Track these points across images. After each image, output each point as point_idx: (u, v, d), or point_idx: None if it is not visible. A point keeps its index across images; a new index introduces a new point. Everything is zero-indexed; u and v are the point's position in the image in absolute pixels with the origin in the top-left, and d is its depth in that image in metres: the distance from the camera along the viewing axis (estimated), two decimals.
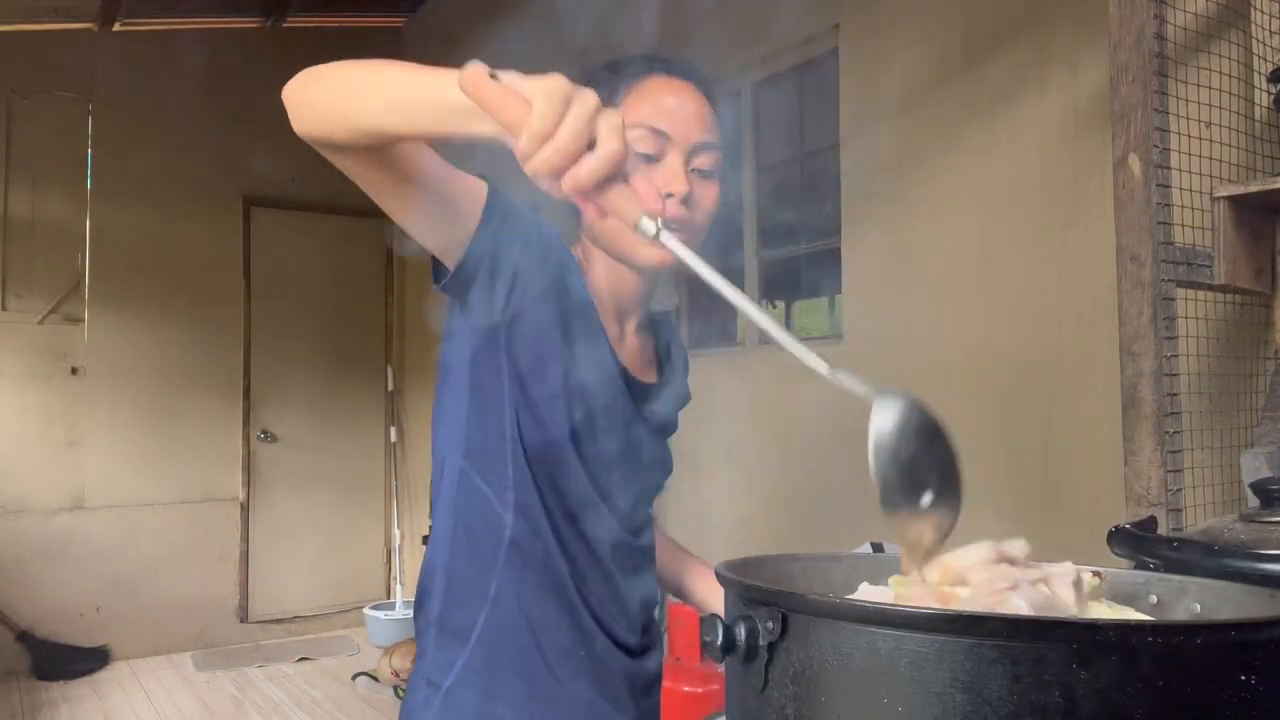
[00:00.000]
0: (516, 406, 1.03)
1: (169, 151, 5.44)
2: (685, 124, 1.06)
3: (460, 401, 1.06)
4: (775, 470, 3.31)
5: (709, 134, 1.08)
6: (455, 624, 1.07)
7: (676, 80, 1.09)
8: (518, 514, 1.04)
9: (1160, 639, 0.52)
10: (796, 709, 0.60)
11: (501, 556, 1.04)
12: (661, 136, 1.05)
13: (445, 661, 1.07)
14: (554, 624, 1.06)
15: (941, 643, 0.53)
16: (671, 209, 1.04)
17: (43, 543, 5.06)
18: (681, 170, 1.05)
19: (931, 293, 2.84)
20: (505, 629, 1.05)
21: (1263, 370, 1.78)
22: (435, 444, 1.12)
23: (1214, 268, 1.58)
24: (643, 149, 1.05)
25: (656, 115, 1.06)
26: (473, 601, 1.06)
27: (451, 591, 1.07)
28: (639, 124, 1.05)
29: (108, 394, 5.28)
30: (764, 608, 0.62)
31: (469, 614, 1.06)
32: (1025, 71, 2.57)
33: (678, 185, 1.04)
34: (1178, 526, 1.43)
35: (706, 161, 1.08)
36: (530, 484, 1.04)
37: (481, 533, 1.05)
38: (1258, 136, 1.77)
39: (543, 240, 1.03)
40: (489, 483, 1.05)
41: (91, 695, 4.64)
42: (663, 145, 1.05)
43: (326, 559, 5.87)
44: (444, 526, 1.09)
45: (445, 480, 1.09)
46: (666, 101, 1.06)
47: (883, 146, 3.02)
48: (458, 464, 1.07)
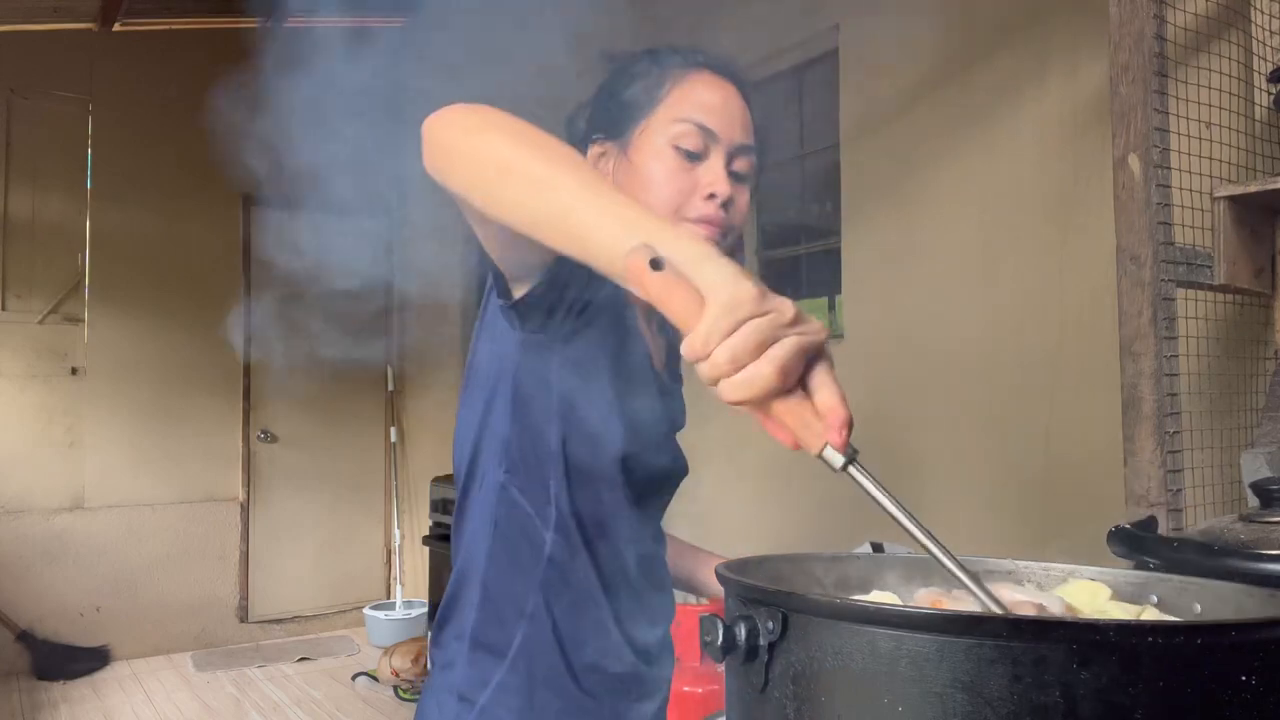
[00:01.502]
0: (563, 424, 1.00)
1: (169, 151, 5.44)
2: (731, 124, 1.05)
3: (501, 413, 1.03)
4: (775, 470, 3.31)
5: (749, 137, 1.07)
6: (491, 640, 1.05)
7: (723, 79, 1.07)
8: (557, 531, 1.02)
9: (1160, 639, 0.52)
10: (797, 709, 0.60)
11: (540, 574, 1.03)
12: (709, 134, 1.03)
13: (479, 677, 1.05)
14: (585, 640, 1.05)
15: (942, 643, 0.53)
16: (711, 209, 1.02)
17: (43, 542, 5.06)
18: (723, 171, 1.03)
19: (931, 293, 2.84)
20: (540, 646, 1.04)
21: (1263, 370, 1.78)
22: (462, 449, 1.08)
23: (1214, 268, 1.58)
24: (688, 145, 1.03)
25: (704, 111, 1.04)
26: (510, 618, 1.04)
27: (487, 606, 1.05)
28: (686, 119, 1.03)
29: (108, 394, 5.28)
30: (764, 608, 0.62)
31: (505, 631, 1.04)
32: (1025, 71, 2.57)
33: (721, 187, 1.02)
34: (1178, 526, 1.43)
35: (744, 165, 1.06)
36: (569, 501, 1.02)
37: (521, 549, 1.03)
38: (1258, 136, 1.77)
39: None
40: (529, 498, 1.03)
41: (91, 695, 4.64)
42: (708, 143, 1.03)
43: (326, 559, 5.87)
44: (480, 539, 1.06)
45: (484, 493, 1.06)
46: (714, 99, 1.05)
47: (883, 146, 3.02)
48: (498, 478, 1.04)
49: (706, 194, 1.02)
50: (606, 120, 1.09)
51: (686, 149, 1.03)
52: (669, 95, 1.05)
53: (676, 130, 1.03)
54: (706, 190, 1.02)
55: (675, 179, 1.02)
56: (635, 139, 1.05)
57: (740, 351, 0.61)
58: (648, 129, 1.05)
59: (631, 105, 1.06)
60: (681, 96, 1.05)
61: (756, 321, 0.61)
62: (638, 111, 1.06)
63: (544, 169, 0.73)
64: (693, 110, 1.03)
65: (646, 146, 1.04)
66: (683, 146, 1.03)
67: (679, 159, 1.03)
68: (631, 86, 1.07)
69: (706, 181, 1.03)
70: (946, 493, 2.72)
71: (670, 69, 1.06)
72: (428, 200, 5.45)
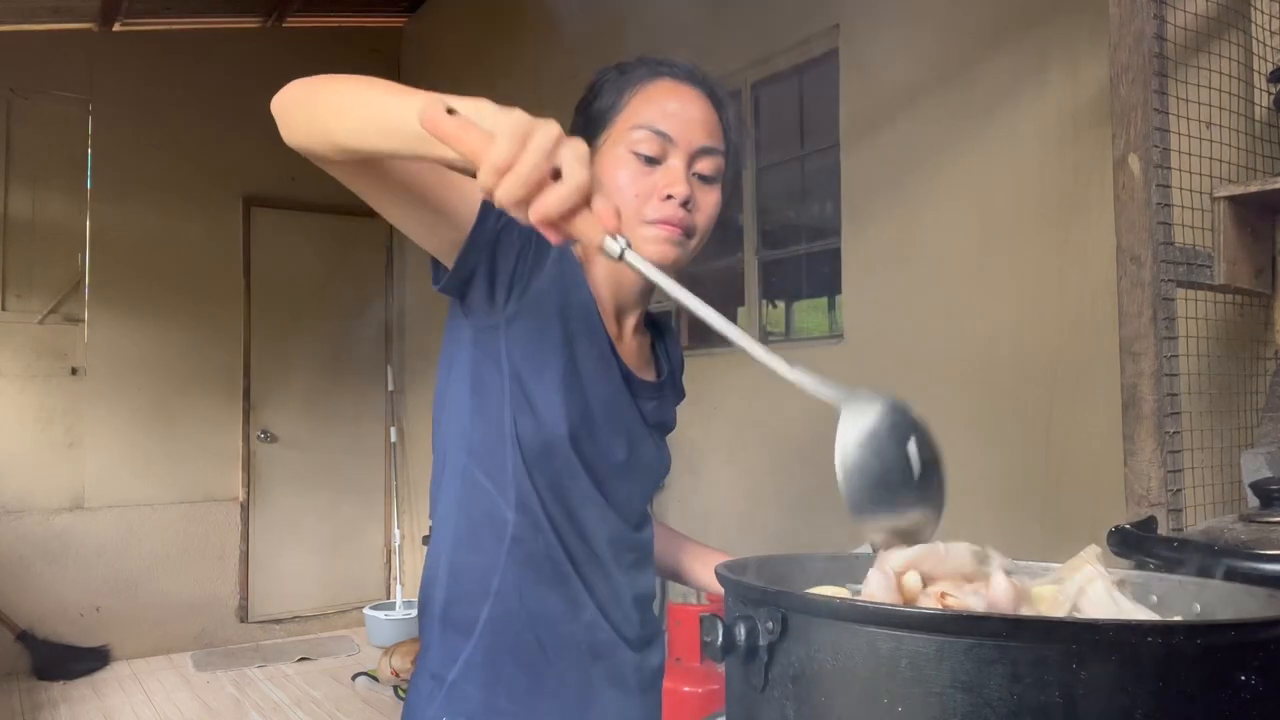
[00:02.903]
0: (514, 405, 1.04)
1: (169, 151, 5.44)
2: (688, 127, 1.07)
3: (462, 399, 1.08)
4: (775, 470, 3.31)
5: (712, 139, 1.09)
6: (458, 618, 1.08)
7: (683, 85, 1.10)
8: (519, 511, 1.05)
9: (1160, 639, 0.52)
10: (796, 709, 0.60)
11: (504, 552, 1.05)
12: (664, 138, 1.06)
13: (448, 655, 1.08)
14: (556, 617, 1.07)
15: (941, 643, 0.53)
16: (670, 209, 1.05)
17: (43, 542, 5.06)
18: (683, 173, 1.06)
19: (931, 293, 2.84)
20: (508, 623, 1.06)
21: (1263, 370, 1.78)
22: (436, 439, 1.13)
23: (1214, 268, 1.58)
24: (645, 150, 1.06)
25: (660, 117, 1.07)
26: (476, 596, 1.06)
27: (454, 585, 1.09)
28: (643, 125, 1.06)
29: (108, 394, 5.28)
30: (764, 608, 0.62)
31: (472, 608, 1.07)
32: (1025, 72, 2.57)
33: (679, 188, 1.05)
34: (1178, 527, 1.43)
35: (708, 166, 1.09)
36: (529, 481, 1.05)
37: (484, 528, 1.06)
38: (1258, 136, 1.77)
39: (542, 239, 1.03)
40: (491, 480, 1.06)
41: (91, 695, 4.64)
42: (665, 147, 1.06)
43: (326, 559, 5.87)
44: (447, 522, 1.10)
45: (448, 476, 1.10)
46: (671, 104, 1.07)
47: (883, 146, 3.02)
48: (461, 460, 1.08)
49: (664, 195, 1.05)
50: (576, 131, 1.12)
51: (645, 154, 1.06)
52: (629, 104, 1.08)
53: (634, 137, 1.06)
54: (664, 191, 1.05)
55: (634, 183, 1.06)
56: (601, 148, 1.09)
57: (536, 163, 0.69)
58: (610, 138, 1.09)
59: (597, 117, 1.10)
60: (640, 104, 1.08)
61: (539, 137, 0.70)
62: (602, 121, 1.10)
63: (355, 91, 0.84)
64: (650, 117, 1.07)
65: (609, 155, 1.08)
66: (640, 152, 1.06)
67: (638, 164, 1.06)
68: (599, 99, 1.11)
69: (664, 183, 1.06)
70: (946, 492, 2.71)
71: (632, 79, 1.10)
72: None
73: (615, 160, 1.07)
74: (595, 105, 1.11)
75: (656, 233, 1.05)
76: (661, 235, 1.06)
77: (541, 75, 4.50)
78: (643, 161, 1.06)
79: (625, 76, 1.11)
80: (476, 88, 2.69)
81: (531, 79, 4.54)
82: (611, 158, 1.08)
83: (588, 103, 1.13)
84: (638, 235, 1.06)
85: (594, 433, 1.08)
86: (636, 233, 1.06)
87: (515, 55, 4.92)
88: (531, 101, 1.08)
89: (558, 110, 1.18)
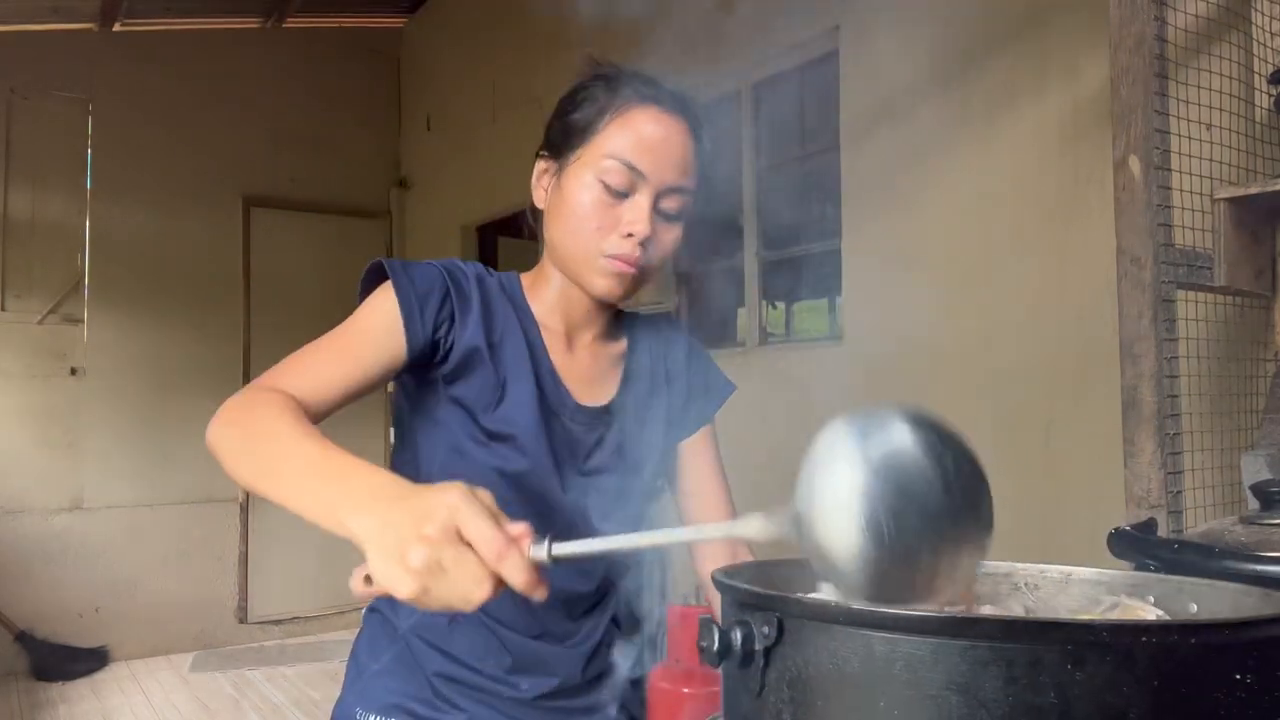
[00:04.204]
0: (446, 451, 1.09)
1: (169, 151, 5.44)
2: (662, 165, 1.05)
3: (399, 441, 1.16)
4: (775, 472, 3.30)
5: (684, 178, 1.07)
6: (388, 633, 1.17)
7: (666, 115, 1.06)
8: None
9: (1155, 639, 0.52)
10: (793, 713, 0.60)
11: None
12: (636, 174, 1.04)
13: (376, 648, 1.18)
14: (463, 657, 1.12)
15: (936, 645, 0.53)
16: (628, 247, 1.04)
17: (42, 543, 5.05)
18: (647, 211, 1.04)
19: (931, 293, 2.84)
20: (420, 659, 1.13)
21: (1263, 372, 1.78)
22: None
23: (1214, 269, 1.58)
24: (614, 183, 1.04)
25: (635, 151, 1.04)
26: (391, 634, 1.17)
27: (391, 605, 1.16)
28: (616, 156, 1.04)
29: (107, 394, 5.27)
30: (760, 612, 0.61)
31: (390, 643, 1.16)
32: (1025, 72, 2.57)
33: (639, 227, 1.04)
34: (1178, 528, 1.43)
35: (674, 205, 1.07)
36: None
37: None
38: (1258, 138, 1.77)
39: (460, 302, 1.07)
40: None
41: (90, 696, 4.63)
42: (635, 182, 1.04)
43: (326, 560, 5.85)
44: None
45: None
46: (648, 138, 1.05)
47: (883, 146, 3.01)
48: None
49: (625, 233, 1.04)
50: (552, 137, 1.11)
51: (612, 186, 1.04)
52: (606, 127, 1.06)
53: (605, 165, 1.04)
54: (626, 229, 1.04)
55: (597, 214, 1.05)
56: (570, 165, 1.08)
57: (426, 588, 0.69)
58: (582, 158, 1.07)
59: (573, 129, 1.08)
60: (618, 130, 1.05)
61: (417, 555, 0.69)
62: (577, 138, 1.07)
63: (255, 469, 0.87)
64: (625, 148, 1.04)
65: (576, 176, 1.06)
66: (608, 183, 1.04)
67: (604, 194, 1.05)
68: (578, 109, 1.08)
69: (628, 220, 1.04)
70: None
71: (616, 98, 1.06)
72: (427, 200, 5.49)
73: (582, 185, 1.06)
74: (574, 115, 1.09)
75: (609, 266, 1.05)
76: (613, 270, 1.06)
77: (541, 75, 4.49)
78: (609, 193, 1.04)
79: (610, 94, 1.07)
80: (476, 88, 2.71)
81: (531, 79, 4.54)
82: (579, 181, 1.06)
83: (567, 109, 1.10)
84: (591, 265, 1.06)
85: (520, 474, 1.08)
86: (590, 263, 1.06)
87: (515, 55, 4.92)
88: (530, 101, 1.08)
89: None
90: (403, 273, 1.05)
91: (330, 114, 5.94)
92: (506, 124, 4.97)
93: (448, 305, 1.06)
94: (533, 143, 1.16)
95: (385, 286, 1.05)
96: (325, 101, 5.92)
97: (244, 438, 0.89)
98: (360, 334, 1.03)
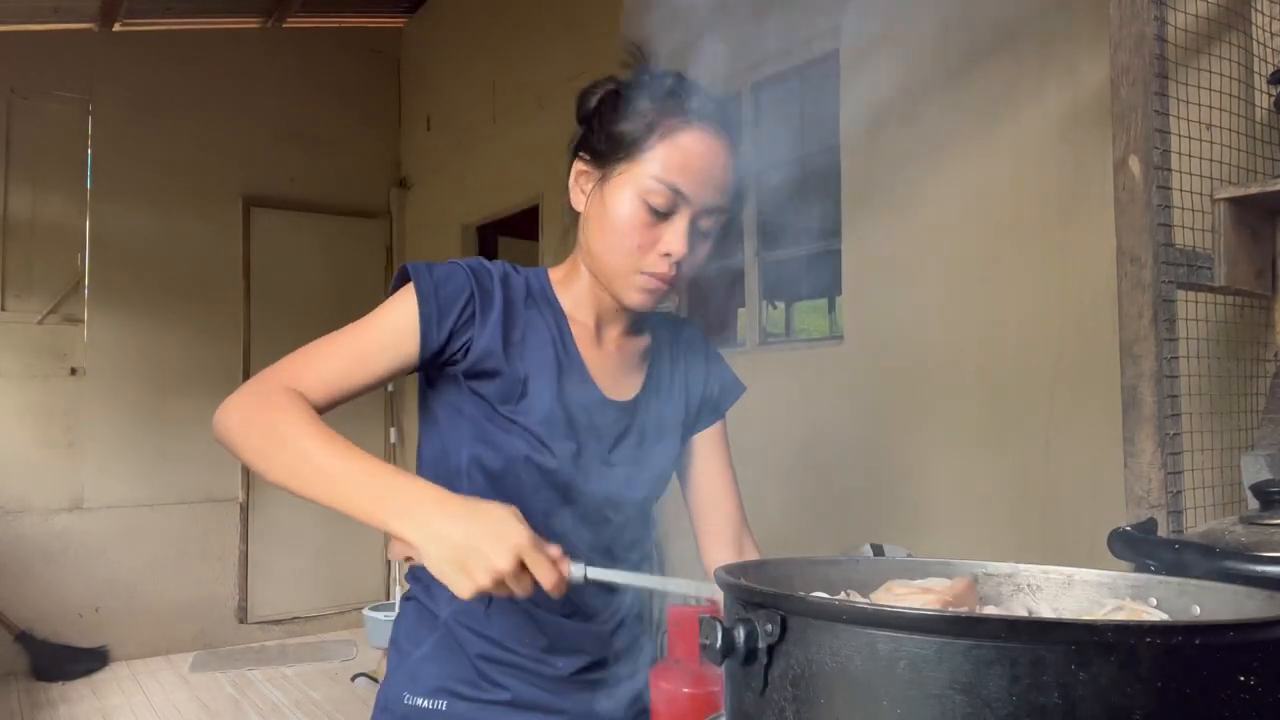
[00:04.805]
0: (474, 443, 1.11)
1: (169, 151, 5.44)
2: (704, 187, 1.06)
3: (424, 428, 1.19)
4: (775, 472, 3.31)
5: (723, 197, 1.08)
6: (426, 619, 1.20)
7: (711, 135, 1.07)
8: None
9: (1159, 640, 0.52)
10: (796, 711, 0.60)
11: None
12: (680, 196, 1.05)
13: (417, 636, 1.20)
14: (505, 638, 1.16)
15: (940, 644, 0.53)
16: (664, 267, 1.06)
17: (42, 543, 5.05)
18: (684, 232, 1.06)
19: (931, 293, 2.84)
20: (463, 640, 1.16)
21: (1263, 372, 1.78)
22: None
23: (1214, 269, 1.58)
24: (657, 204, 1.05)
25: (681, 174, 1.05)
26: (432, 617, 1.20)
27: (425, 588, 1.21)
28: (662, 179, 1.05)
29: (107, 394, 5.27)
30: (763, 610, 0.62)
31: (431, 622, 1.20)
32: (1025, 72, 2.57)
33: (677, 248, 1.06)
34: (1178, 528, 1.43)
35: (710, 223, 1.09)
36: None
37: None
38: (1258, 138, 1.77)
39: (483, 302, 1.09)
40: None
41: (90, 696, 4.63)
42: (676, 203, 1.05)
43: (326, 560, 5.86)
44: None
45: None
46: (697, 161, 1.05)
47: (883, 146, 3.01)
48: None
49: (663, 252, 1.06)
50: (593, 143, 1.11)
51: (655, 206, 1.05)
52: (654, 147, 1.06)
53: (649, 186, 1.05)
54: (664, 249, 1.06)
55: (637, 232, 1.06)
56: (614, 177, 1.08)
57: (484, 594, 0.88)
58: (627, 173, 1.07)
59: (618, 142, 1.08)
60: (666, 152, 1.05)
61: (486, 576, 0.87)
62: (622, 152, 1.07)
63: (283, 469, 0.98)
64: (670, 171, 1.05)
65: (620, 190, 1.07)
66: (652, 204, 1.05)
67: (646, 214, 1.06)
68: (623, 122, 1.08)
69: (666, 241, 1.06)
70: (946, 493, 2.72)
71: (663, 119, 1.06)
72: (428, 200, 5.49)
73: (623, 200, 1.06)
74: (620, 126, 1.08)
75: (644, 283, 1.08)
76: (648, 287, 1.08)
77: (542, 75, 4.49)
78: (651, 213, 1.05)
79: (657, 111, 1.07)
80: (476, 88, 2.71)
81: (532, 79, 4.54)
82: (621, 196, 1.07)
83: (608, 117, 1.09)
84: (627, 281, 1.08)
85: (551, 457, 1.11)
86: (626, 279, 1.08)
87: (515, 55, 4.91)
88: (531, 102, 1.08)
89: (558, 110, 1.17)
90: (427, 276, 1.07)
91: (330, 114, 5.94)
92: (506, 124, 4.97)
93: (470, 308, 1.08)
94: (533, 143, 1.16)
95: (408, 289, 1.07)
96: (325, 101, 5.92)
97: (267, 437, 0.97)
98: (372, 336, 1.06)
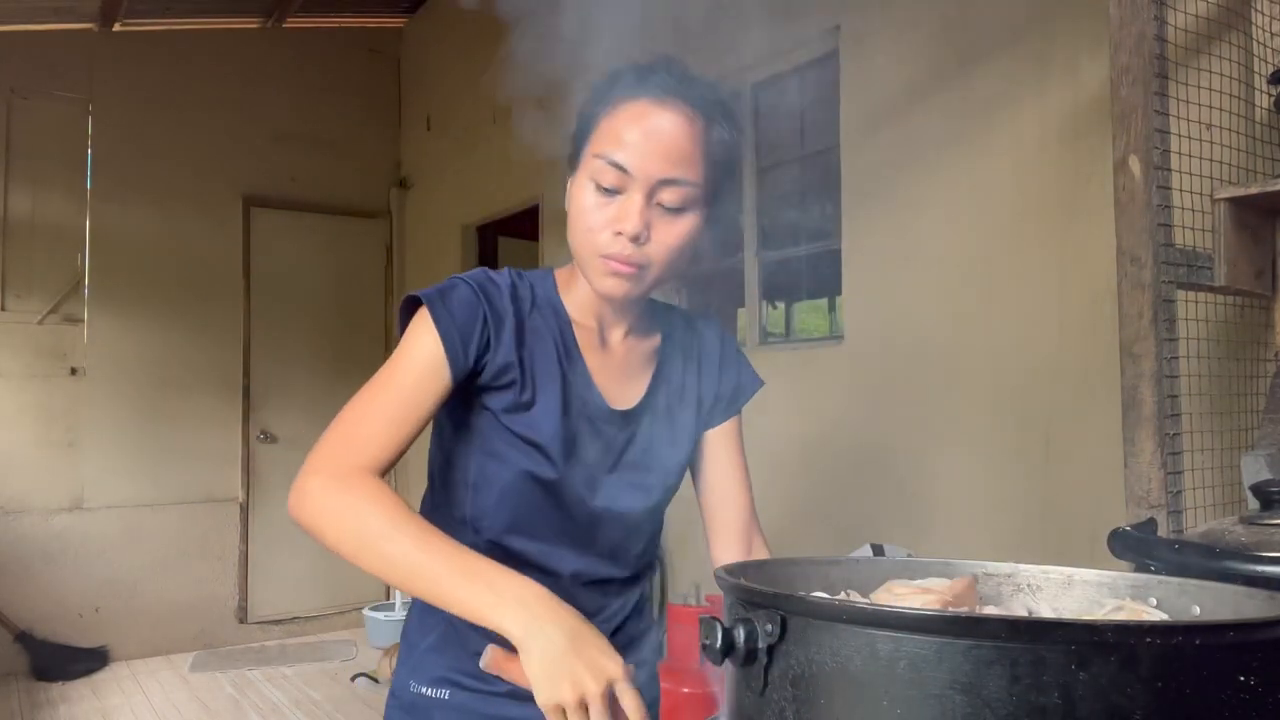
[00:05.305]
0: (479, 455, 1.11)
1: (169, 151, 5.44)
2: (648, 159, 1.01)
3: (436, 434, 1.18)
4: (775, 473, 3.31)
5: (678, 169, 1.02)
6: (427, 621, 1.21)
7: (656, 105, 1.02)
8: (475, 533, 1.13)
9: (1159, 640, 0.52)
10: (796, 711, 0.60)
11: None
12: (621, 171, 1.01)
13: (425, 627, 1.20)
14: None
15: (940, 644, 0.53)
16: (619, 246, 1.02)
17: (42, 543, 5.05)
18: (638, 208, 1.01)
19: (931, 293, 2.84)
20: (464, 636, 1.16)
21: (1263, 372, 1.78)
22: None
23: (1214, 269, 1.58)
24: (604, 182, 1.03)
25: (619, 147, 1.02)
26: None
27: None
28: (602, 155, 1.02)
29: (107, 394, 5.27)
30: (763, 610, 0.62)
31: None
32: (1025, 72, 2.57)
33: (629, 224, 1.01)
34: (1178, 529, 1.43)
35: (673, 197, 1.02)
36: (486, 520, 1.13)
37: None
38: (1258, 138, 1.77)
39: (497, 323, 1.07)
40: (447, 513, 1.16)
41: (90, 696, 4.63)
42: (623, 179, 1.02)
43: (326, 560, 5.84)
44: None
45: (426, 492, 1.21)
46: (633, 133, 1.01)
47: (883, 146, 3.02)
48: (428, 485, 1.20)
49: (615, 231, 1.02)
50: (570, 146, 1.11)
51: (604, 185, 1.03)
52: (598, 128, 1.05)
53: (595, 165, 1.03)
54: (616, 228, 1.02)
55: (592, 214, 1.04)
56: (577, 169, 1.08)
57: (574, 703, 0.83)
58: (584, 161, 1.06)
59: (578, 135, 1.08)
60: (606, 129, 1.04)
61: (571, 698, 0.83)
62: (580, 142, 1.07)
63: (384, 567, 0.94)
64: (610, 146, 1.02)
65: (578, 179, 1.07)
66: (600, 183, 1.03)
67: (597, 195, 1.03)
68: (581, 115, 1.08)
69: (615, 217, 1.02)
70: (946, 493, 2.72)
71: (609, 97, 1.05)
72: (427, 200, 5.50)
73: (579, 187, 1.05)
74: (579, 121, 1.08)
75: (607, 266, 1.04)
76: (612, 271, 1.04)
77: (542, 75, 4.47)
78: (603, 193, 1.03)
79: (607, 90, 1.06)
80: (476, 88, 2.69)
81: (532, 79, 4.52)
82: (577, 183, 1.06)
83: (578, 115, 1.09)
84: (592, 266, 1.05)
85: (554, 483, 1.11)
86: (591, 264, 1.05)
87: (516, 54, 4.91)
88: (531, 103, 1.08)
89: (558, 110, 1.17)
90: (441, 305, 1.04)
91: (330, 114, 5.94)
92: (506, 124, 4.96)
93: (486, 330, 1.06)
94: (533, 143, 1.16)
95: (424, 320, 1.04)
96: (325, 101, 5.92)
97: (360, 540, 0.95)
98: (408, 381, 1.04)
